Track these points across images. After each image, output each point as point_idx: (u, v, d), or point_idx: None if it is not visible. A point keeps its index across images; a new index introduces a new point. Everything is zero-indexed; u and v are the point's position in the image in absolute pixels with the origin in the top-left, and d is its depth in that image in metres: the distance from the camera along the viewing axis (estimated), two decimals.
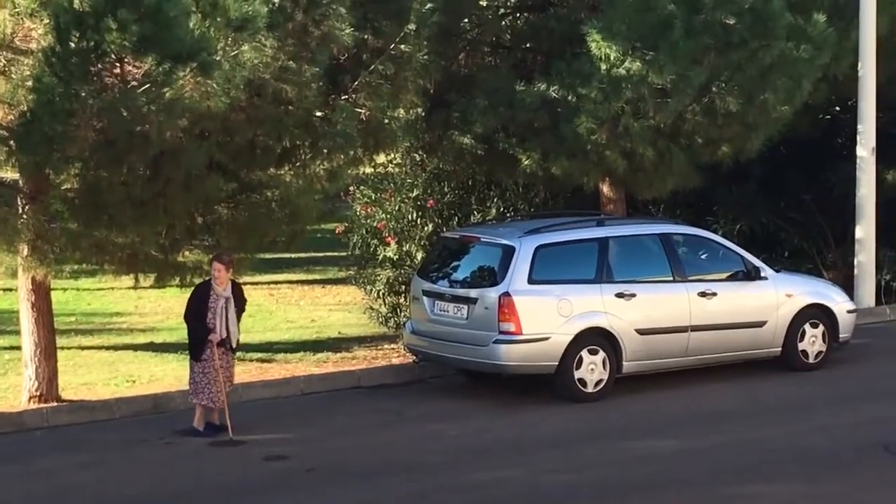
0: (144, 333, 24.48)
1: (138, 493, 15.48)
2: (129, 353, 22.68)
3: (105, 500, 15.19)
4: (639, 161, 21.85)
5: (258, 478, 16.07)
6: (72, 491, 15.66)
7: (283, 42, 17.99)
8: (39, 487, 15.85)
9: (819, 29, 21.49)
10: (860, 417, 17.98)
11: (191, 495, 15.38)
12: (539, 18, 22.87)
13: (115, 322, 25.55)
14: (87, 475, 16.33)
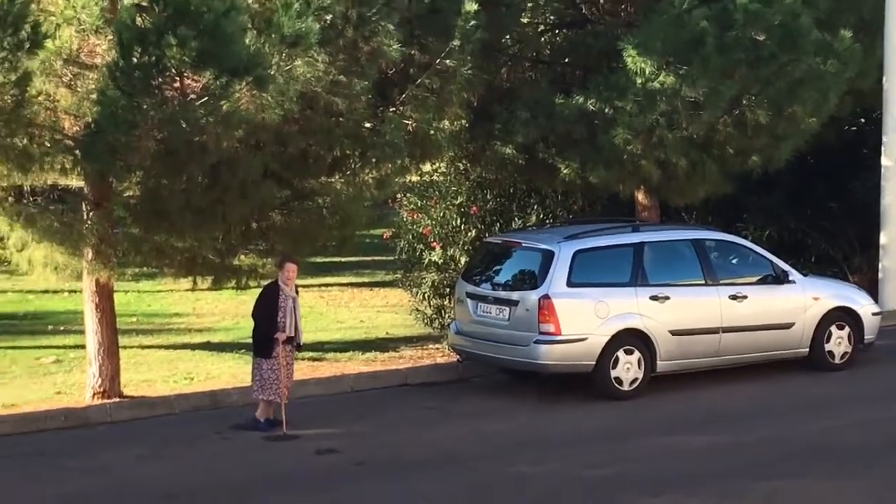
0: (202, 333, 24.64)
1: (196, 485, 15.52)
2: (187, 351, 22.85)
3: (164, 491, 15.16)
4: (672, 170, 21.90)
5: (310, 470, 16.22)
6: (133, 484, 15.67)
7: (334, 57, 18.07)
8: (102, 480, 15.89)
9: (845, 44, 21.49)
10: (886, 415, 17.96)
11: (246, 487, 15.40)
12: (577, 35, 22.90)
13: (174, 322, 25.73)
14: (147, 468, 16.43)
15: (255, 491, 15.31)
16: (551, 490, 14.98)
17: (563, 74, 22.41)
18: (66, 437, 18.02)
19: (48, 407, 19.13)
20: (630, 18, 21.81)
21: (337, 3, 17.92)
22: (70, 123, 17.77)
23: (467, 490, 15.09)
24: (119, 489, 15.45)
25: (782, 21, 20.73)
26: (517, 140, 22.49)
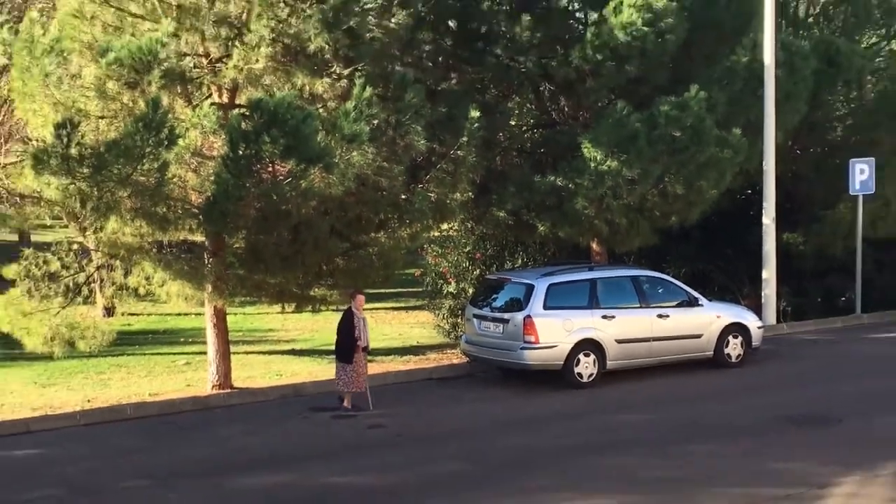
0: (287, 343, 24.60)
1: (286, 450, 15.80)
2: (277, 356, 22.86)
3: (265, 455, 15.42)
4: (616, 227, 21.91)
5: (364, 440, 16.39)
6: (241, 449, 15.99)
7: (379, 149, 17.99)
8: (220, 447, 16.21)
9: (737, 139, 21.47)
10: (770, 400, 17.87)
11: (323, 450, 15.70)
12: (549, 132, 22.94)
13: (269, 335, 25.78)
14: (250, 438, 16.68)
15: (325, 454, 15.44)
16: (533, 452, 15.18)
17: (540, 161, 22.39)
18: (193, 417, 18.15)
19: (181, 395, 19.17)
20: (586, 121, 21.76)
21: (381, 112, 17.93)
22: (195, 197, 17.83)
23: (476, 453, 15.14)
24: (232, 453, 15.68)
25: (692, 123, 20.67)
26: (507, 207, 22.46)
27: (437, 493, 13.38)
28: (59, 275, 19.45)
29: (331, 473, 14.41)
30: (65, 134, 16.29)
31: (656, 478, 13.52)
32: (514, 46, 21.21)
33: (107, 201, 16.87)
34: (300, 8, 16.78)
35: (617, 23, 20.37)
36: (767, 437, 15.42)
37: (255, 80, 17.90)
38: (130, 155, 16.42)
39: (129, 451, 16.00)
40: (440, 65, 21.66)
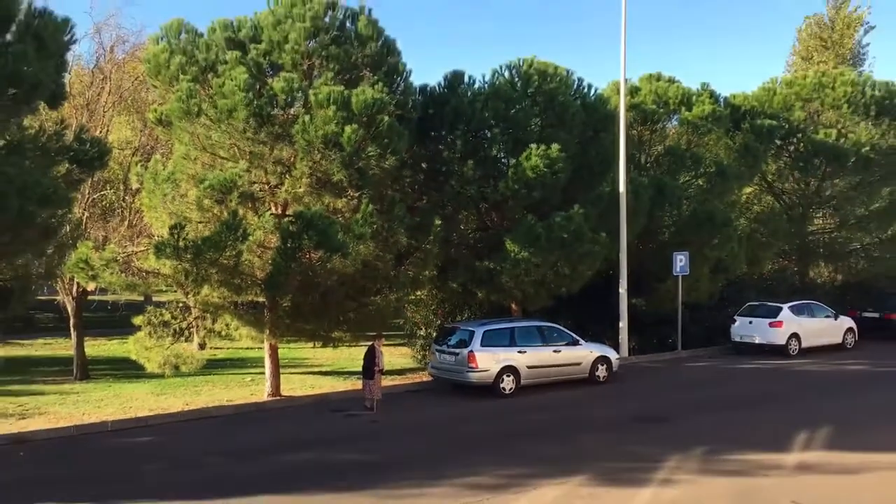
0: (318, 367, 24.47)
1: (315, 436, 15.68)
2: (310, 376, 22.67)
3: (302, 440, 15.40)
4: (527, 294, 21.92)
5: (367, 431, 16.22)
6: (286, 437, 15.81)
7: (377, 244, 18.14)
8: (272, 436, 16.00)
9: (603, 239, 21.68)
10: (625, 406, 17.96)
11: (340, 437, 15.67)
12: (485, 233, 22.97)
13: (305, 361, 25.60)
14: (293, 429, 16.57)
15: (341, 440, 15.35)
16: (477, 438, 15.24)
17: (479, 252, 22.38)
18: (255, 415, 17.95)
19: (247, 401, 18.95)
20: (508, 227, 21.74)
21: (378, 220, 18.07)
22: (259, 273, 17.80)
23: (440, 438, 15.12)
24: (279, 439, 15.45)
25: (575, 228, 20.88)
26: (458, 281, 22.54)
27: (417, 463, 13.40)
28: (169, 322, 19.50)
29: (345, 452, 14.43)
30: (176, 232, 16.51)
31: (555, 455, 13.52)
32: (463, 180, 21.43)
33: (202, 275, 16.97)
34: (328, 155, 17.03)
35: (528, 165, 20.65)
36: (624, 430, 15.49)
37: (299, 199, 18.09)
38: (218, 246, 16.55)
39: (213, 437, 15.99)
40: (416, 191, 21.84)
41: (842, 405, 17.61)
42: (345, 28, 18.39)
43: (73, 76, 23.00)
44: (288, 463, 13.52)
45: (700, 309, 26.38)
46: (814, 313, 25.65)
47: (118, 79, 26.29)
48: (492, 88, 22.04)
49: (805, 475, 12.16)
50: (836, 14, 46.87)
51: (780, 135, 29.02)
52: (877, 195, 30.76)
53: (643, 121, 25.98)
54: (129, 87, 26.94)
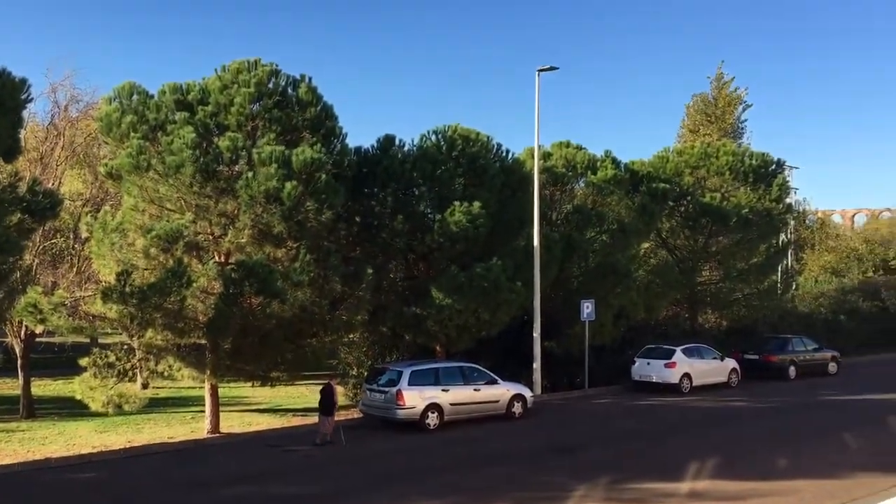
0: (256, 405, 23.79)
1: (251, 471, 15.13)
2: (249, 414, 22.06)
3: (238, 474, 14.71)
4: (451, 337, 21.87)
5: (302, 464, 15.85)
6: (223, 471, 15.23)
7: (314, 290, 17.95)
8: (210, 471, 15.50)
9: (519, 288, 21.92)
10: (538, 438, 17.97)
11: (276, 471, 15.02)
12: (413, 282, 22.85)
13: (244, 400, 24.84)
14: (230, 464, 15.93)
15: (277, 474, 14.85)
16: (404, 470, 14.96)
17: (407, 299, 22.30)
18: (195, 451, 17.30)
19: (188, 438, 18.26)
20: (433, 276, 21.74)
21: (315, 269, 17.89)
22: (202, 317, 17.35)
23: (371, 470, 14.74)
24: (217, 473, 14.90)
25: (494, 278, 20.98)
26: (388, 325, 22.39)
27: (351, 496, 13.14)
28: (114, 364, 18.92)
29: (283, 485, 14.06)
30: (123, 279, 16.03)
31: (474, 486, 13.46)
32: (393, 233, 21.39)
33: (146, 319, 16.50)
34: (269, 209, 16.83)
35: (452, 221, 20.78)
36: (537, 462, 15.49)
37: (241, 249, 17.77)
38: (163, 292, 16.14)
39: (154, 473, 15.34)
40: (350, 242, 21.68)
41: (728, 437, 17.99)
42: (287, 93, 18.39)
43: (28, 132, 22.36)
44: (228, 497, 13.07)
45: (605, 351, 26.69)
46: (703, 355, 26.25)
47: (71, 135, 25.68)
48: (420, 151, 22.23)
49: (697, 503, 12.33)
50: (718, 93, 49.05)
51: (672, 197, 29.99)
52: (755, 251, 32.01)
53: (554, 182, 26.48)
54: (82, 142, 26.32)
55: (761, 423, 20.09)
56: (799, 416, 21.07)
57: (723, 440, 17.50)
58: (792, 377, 28.12)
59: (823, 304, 37.62)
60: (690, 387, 25.16)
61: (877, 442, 17.16)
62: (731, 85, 48.94)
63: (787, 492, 12.79)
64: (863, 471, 14.17)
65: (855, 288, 39.91)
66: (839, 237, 49.67)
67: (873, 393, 24.72)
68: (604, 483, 13.34)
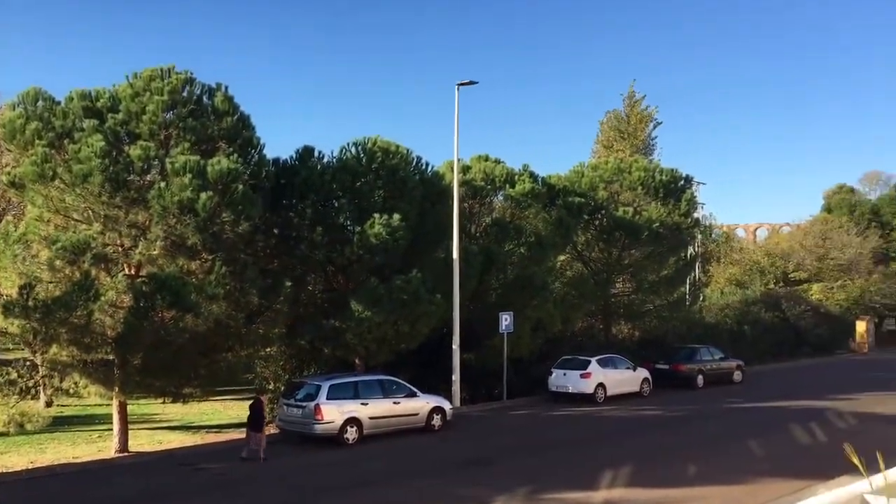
0: (167, 422, 22.87)
1: (161, 491, 14.58)
2: (160, 431, 21.27)
3: (146, 494, 14.10)
4: (370, 350, 21.69)
5: (211, 484, 15.29)
6: (134, 493, 14.68)
7: (229, 304, 17.51)
8: (119, 492, 14.98)
9: (438, 301, 21.96)
10: (456, 450, 17.95)
11: (188, 492, 14.53)
12: (332, 295, 22.63)
13: (154, 417, 23.86)
14: (138, 484, 15.35)
15: (190, 493, 14.34)
16: (321, 489, 14.59)
17: (326, 311, 22.06)
18: (101, 472, 16.56)
19: (94, 458, 17.50)
20: (353, 289, 21.61)
21: (231, 281, 17.46)
22: (111, 331, 16.68)
23: (282, 492, 14.38)
24: (125, 494, 14.43)
25: (414, 290, 20.98)
26: (306, 338, 22.08)
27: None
28: (16, 381, 17.95)
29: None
30: (25, 292, 15.28)
31: (392, 502, 13.33)
32: (312, 245, 21.12)
33: (51, 335, 15.79)
34: (183, 220, 16.34)
35: (372, 233, 20.67)
36: (456, 474, 15.53)
37: (153, 261, 17.19)
38: (68, 306, 15.51)
39: (58, 494, 14.71)
40: (268, 254, 21.26)
41: (641, 446, 18.40)
42: (202, 102, 17.94)
43: None
44: None
45: (523, 362, 26.92)
46: (616, 365, 26.82)
47: None
48: (340, 163, 22.06)
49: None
50: (631, 111, 50.50)
51: (587, 211, 30.65)
52: (665, 264, 33.04)
53: (474, 195, 26.68)
54: None
55: (672, 432, 20.63)
56: (707, 423, 21.75)
57: (636, 449, 17.88)
58: (700, 386, 29.04)
59: (729, 315, 39.10)
60: (605, 396, 25.64)
61: (779, 448, 17.86)
62: (642, 103, 50.49)
63: (697, 498, 13.15)
64: (767, 476, 14.73)
65: (757, 299, 41.65)
66: (743, 251, 51.82)
67: (775, 400, 25.76)
68: (521, 494, 13.42)
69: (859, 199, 61.43)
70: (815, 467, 14.59)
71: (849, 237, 49.28)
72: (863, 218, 54.46)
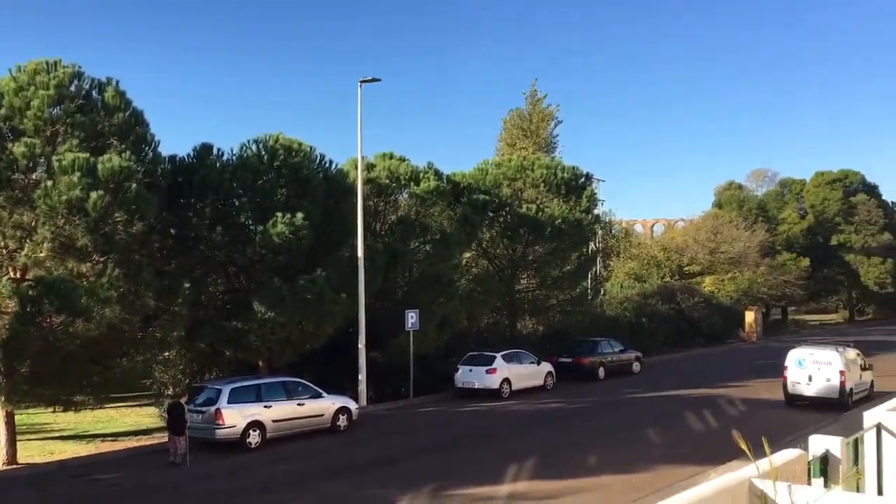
0: (59, 432, 21.77)
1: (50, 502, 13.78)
2: (51, 442, 20.20)
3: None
4: (274, 352, 21.27)
5: (105, 495, 14.64)
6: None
7: (124, 307, 16.87)
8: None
9: (343, 300, 21.79)
10: (363, 451, 17.88)
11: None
12: (233, 296, 22.20)
13: (45, 427, 22.63)
14: (31, 497, 14.55)
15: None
16: (222, 496, 14.22)
17: (228, 313, 21.57)
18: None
19: None
20: (256, 289, 21.22)
21: (125, 284, 16.82)
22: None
23: (185, 499, 13.94)
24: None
25: (318, 290, 20.73)
26: (206, 341, 21.56)
27: None
28: None
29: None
30: None
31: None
32: (212, 245, 20.62)
33: None
34: (72, 220, 15.64)
35: (274, 232, 20.32)
36: (362, 474, 15.46)
37: (40, 264, 16.45)
38: None
39: None
40: (165, 255, 20.56)
41: (544, 438, 18.81)
42: (91, 97, 17.21)
43: None
44: None
45: (429, 359, 27.02)
46: (521, 360, 27.27)
47: None
48: (240, 160, 21.56)
49: (516, 503, 12.77)
50: (533, 109, 51.43)
51: (492, 208, 31.06)
52: (568, 260, 33.86)
53: (379, 193, 26.60)
54: None
55: (575, 423, 21.18)
56: (608, 414, 22.43)
57: (540, 442, 18.26)
58: (601, 377, 29.90)
59: (628, 308, 40.42)
60: (510, 391, 26.04)
61: (674, 436, 18.62)
62: (544, 101, 51.50)
63: (597, 487, 13.57)
64: (663, 463, 15.34)
65: (655, 292, 43.24)
66: (640, 245, 53.65)
67: (671, 389, 26.83)
68: (427, 491, 13.50)
69: (747, 195, 64.68)
70: (709, 453, 15.28)
71: (738, 231, 51.75)
72: (750, 213, 57.32)
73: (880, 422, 9.39)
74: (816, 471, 7.77)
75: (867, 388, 23.55)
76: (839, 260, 62.29)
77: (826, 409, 21.22)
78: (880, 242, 61.49)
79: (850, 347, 23.61)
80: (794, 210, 64.17)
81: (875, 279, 61.93)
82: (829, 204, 62.88)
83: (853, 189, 64.60)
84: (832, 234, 62.57)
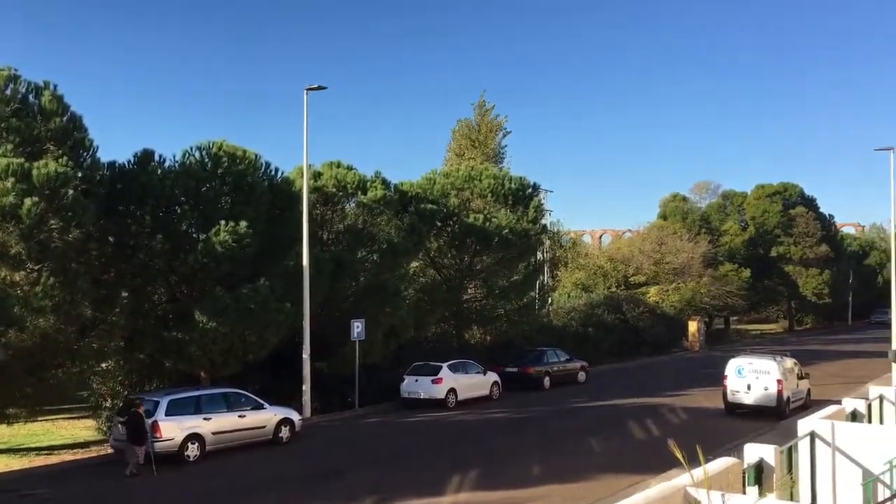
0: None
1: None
2: None
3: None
4: (216, 362, 20.95)
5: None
6: None
7: (59, 317, 16.47)
8: None
9: (288, 309, 21.59)
10: (304, 462, 17.65)
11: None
12: (175, 305, 21.73)
13: None
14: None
15: None
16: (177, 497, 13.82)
17: (168, 321, 21.12)
18: None
19: None
20: (197, 298, 20.82)
21: (60, 293, 16.39)
22: None
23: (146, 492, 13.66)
24: None
25: (262, 299, 20.50)
26: (146, 351, 21.07)
27: None
28: None
29: None
30: None
31: None
32: (152, 253, 20.25)
33: None
34: (5, 227, 15.21)
35: (217, 240, 20.03)
36: (303, 487, 15.33)
37: None
38: None
39: None
40: (103, 263, 20.06)
41: (488, 449, 18.90)
42: (28, 101, 16.82)
43: None
44: None
45: (376, 369, 26.90)
46: (467, 370, 27.35)
47: None
48: (182, 167, 21.19)
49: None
50: (481, 120, 51.85)
51: (440, 218, 31.15)
52: (515, 270, 34.13)
53: (325, 202, 26.44)
54: None
55: (519, 433, 21.31)
56: (552, 424, 22.63)
57: (484, 452, 18.34)
58: (547, 387, 30.17)
59: (574, 318, 40.90)
60: (456, 401, 26.08)
61: (617, 445, 18.89)
62: (492, 112, 51.92)
63: (540, 497, 13.69)
64: (605, 472, 15.55)
65: (601, 302, 43.83)
66: (588, 255, 54.38)
67: (616, 398, 27.22)
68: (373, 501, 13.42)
69: (691, 207, 66.10)
70: (650, 462, 15.56)
71: (682, 242, 52.83)
72: (694, 224, 58.59)
73: (814, 430, 9.69)
74: (751, 479, 7.98)
75: (804, 397, 24.29)
76: (779, 271, 64.09)
77: (764, 418, 21.79)
78: (818, 254, 63.46)
79: (787, 357, 24.27)
80: (736, 222, 65.82)
81: (813, 290, 63.86)
82: (769, 216, 64.67)
83: (792, 202, 66.58)
84: (772, 246, 64.36)
